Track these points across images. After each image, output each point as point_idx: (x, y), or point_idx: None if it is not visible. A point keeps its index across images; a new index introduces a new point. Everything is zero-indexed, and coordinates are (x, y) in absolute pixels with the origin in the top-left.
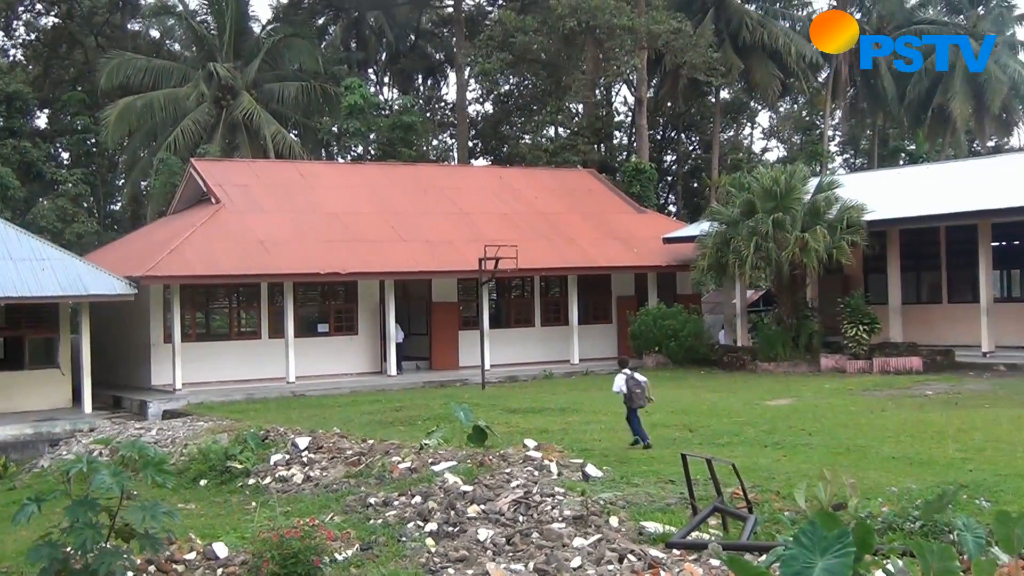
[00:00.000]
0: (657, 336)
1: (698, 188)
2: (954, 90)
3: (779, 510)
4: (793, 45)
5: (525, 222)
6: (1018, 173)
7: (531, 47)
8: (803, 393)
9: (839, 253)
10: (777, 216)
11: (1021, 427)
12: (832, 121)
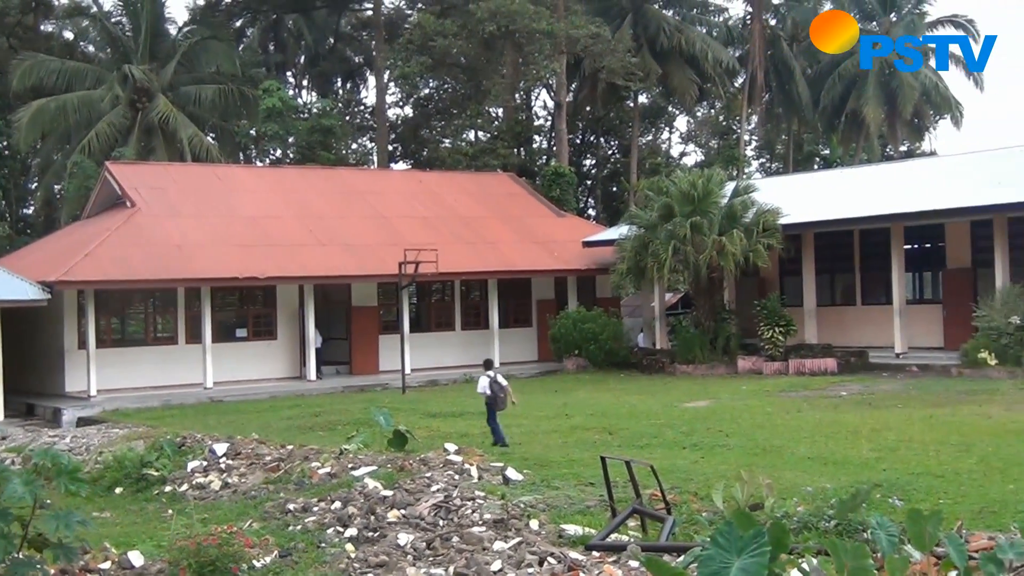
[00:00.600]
0: (577, 339)
1: (617, 192)
2: (867, 96)
3: (697, 511)
4: (710, 51)
5: (445, 226)
6: (929, 177)
7: (451, 51)
8: (721, 395)
9: (755, 256)
10: (695, 220)
11: (933, 427)
12: (748, 126)
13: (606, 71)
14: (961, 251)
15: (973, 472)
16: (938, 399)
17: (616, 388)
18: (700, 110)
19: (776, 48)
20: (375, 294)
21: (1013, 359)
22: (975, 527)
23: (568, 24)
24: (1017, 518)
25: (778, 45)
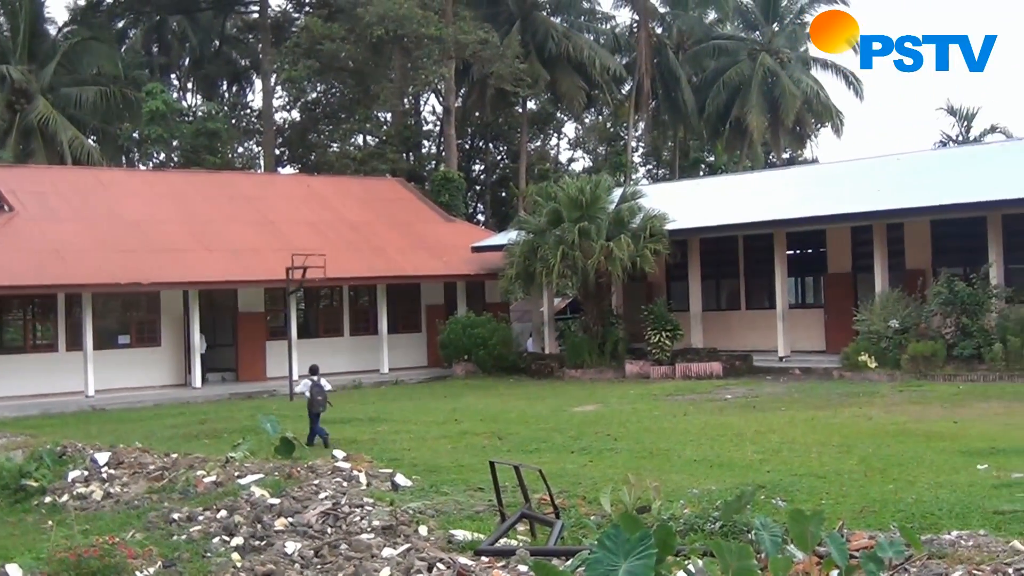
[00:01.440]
0: (466, 344)
1: (506, 197)
2: (751, 104)
3: (585, 515)
4: (597, 58)
5: (333, 231)
6: (811, 184)
7: (339, 55)
8: (609, 399)
9: (643, 261)
10: (583, 225)
11: (815, 428)
12: (635, 132)
13: (495, 77)
14: (842, 256)
15: (854, 472)
16: (820, 401)
17: (505, 393)
18: (588, 116)
19: (662, 56)
20: (262, 300)
21: (892, 362)
22: (856, 526)
23: (457, 29)
24: (896, 517)
25: (664, 53)
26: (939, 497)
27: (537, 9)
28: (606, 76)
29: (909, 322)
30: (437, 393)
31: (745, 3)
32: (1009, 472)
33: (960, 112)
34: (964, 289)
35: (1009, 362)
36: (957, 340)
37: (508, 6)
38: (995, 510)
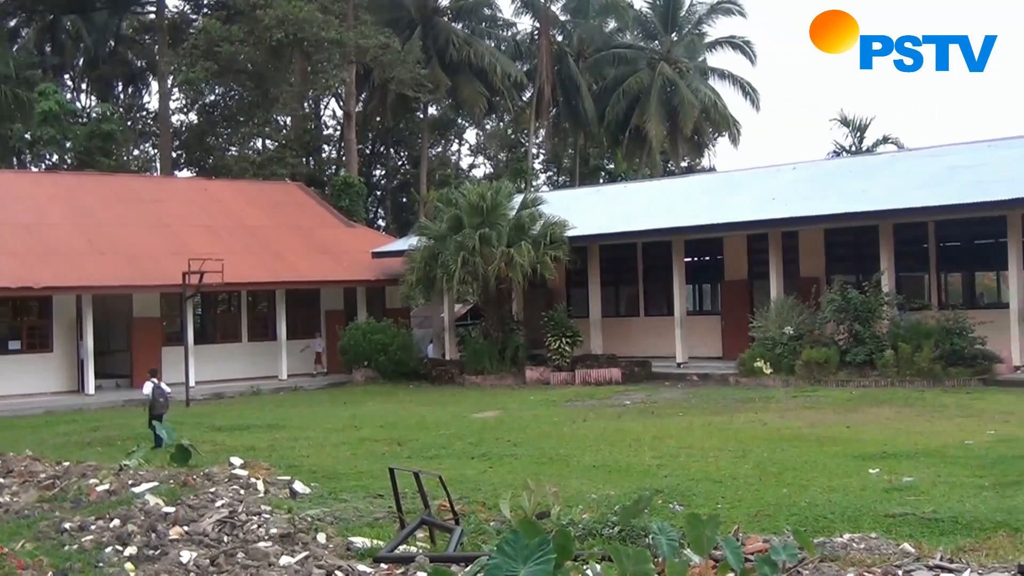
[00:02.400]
0: (367, 351)
1: (407, 203)
2: (650, 113)
3: (485, 521)
4: (498, 64)
5: (231, 235)
6: (709, 192)
7: (237, 57)
8: (509, 405)
9: (543, 268)
10: (484, 231)
11: (712, 434)
12: (536, 139)
13: (396, 82)
14: (738, 264)
15: (749, 477)
16: (717, 407)
17: (405, 399)
18: (489, 123)
19: (563, 64)
20: (158, 305)
21: (787, 368)
22: (751, 530)
23: (357, 34)
24: (790, 521)
25: (565, 61)
26: (832, 501)
27: (438, 15)
28: (507, 83)
29: (803, 329)
30: (337, 399)
31: (645, 13)
32: (900, 476)
33: (853, 123)
34: (857, 296)
35: (900, 368)
36: (850, 346)
37: (409, 11)
38: (886, 513)
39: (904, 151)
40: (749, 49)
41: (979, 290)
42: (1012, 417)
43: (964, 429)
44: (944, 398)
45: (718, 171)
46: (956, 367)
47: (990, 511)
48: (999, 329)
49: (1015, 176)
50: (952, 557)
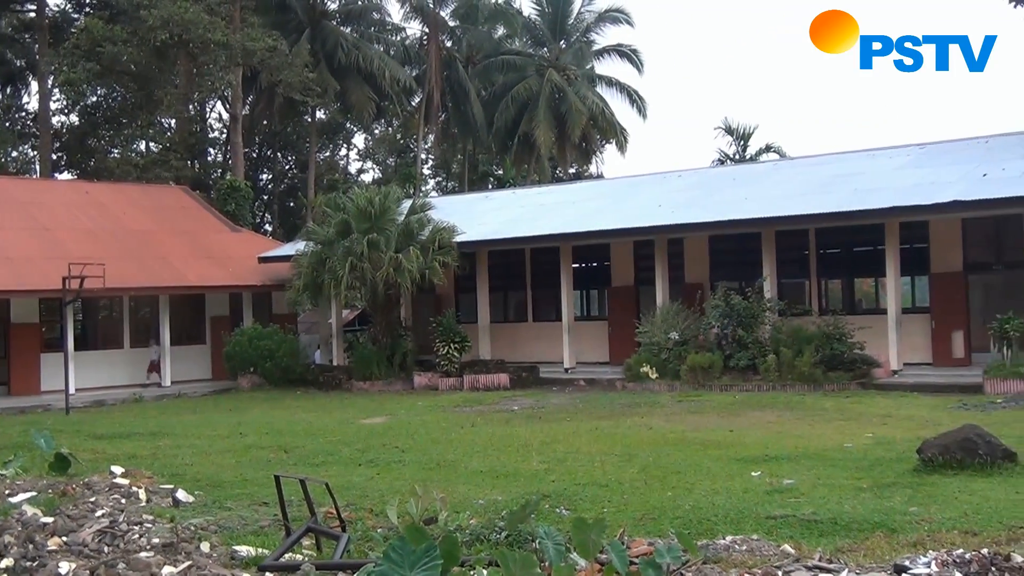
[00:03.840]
0: (252, 357)
1: (295, 208)
2: (538, 119)
3: (372, 527)
4: (387, 68)
5: (113, 240)
6: (595, 199)
7: (120, 58)
8: (397, 411)
9: (432, 273)
10: (372, 237)
11: (598, 438)
12: (425, 145)
13: (283, 85)
14: (625, 270)
15: (635, 481)
16: (604, 412)
17: (292, 406)
18: (378, 127)
19: (452, 69)
20: (36, 310)
21: (672, 373)
22: (636, 533)
23: (244, 36)
24: (675, 524)
25: (454, 66)
26: (715, 503)
27: (327, 18)
28: (396, 88)
29: (688, 334)
30: (222, 406)
31: (533, 20)
32: (781, 478)
33: (737, 131)
34: (740, 302)
35: (782, 372)
36: (733, 351)
37: (297, 14)
38: (768, 515)
39: (786, 160)
40: (636, 58)
41: (858, 296)
42: (890, 420)
43: (843, 432)
44: (824, 402)
45: (606, 178)
46: (836, 371)
47: (868, 512)
48: (877, 334)
49: (893, 185)
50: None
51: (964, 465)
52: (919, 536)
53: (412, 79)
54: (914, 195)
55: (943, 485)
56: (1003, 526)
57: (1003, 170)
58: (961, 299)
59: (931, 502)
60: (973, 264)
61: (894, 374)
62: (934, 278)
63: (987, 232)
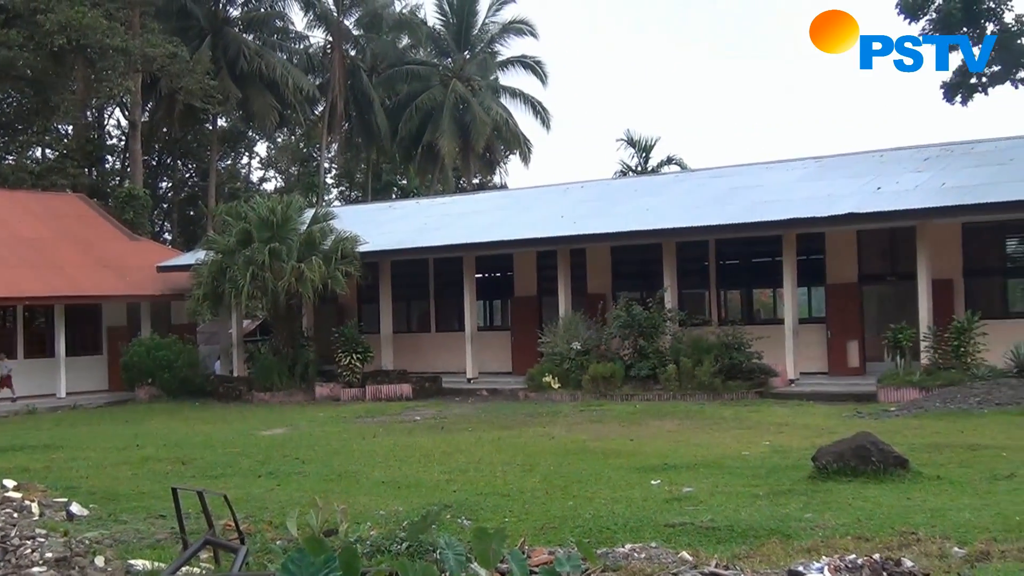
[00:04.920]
0: (150, 367)
1: (195, 216)
2: (442, 129)
3: (271, 539)
4: (290, 77)
5: (7, 248)
6: (499, 209)
7: (16, 63)
8: (298, 422)
9: (334, 283)
10: (274, 246)
11: (501, 448)
12: (328, 154)
13: (184, 92)
14: (528, 280)
15: (536, 490)
16: (506, 421)
17: (191, 417)
18: (280, 136)
19: (356, 78)
20: None
21: (574, 382)
22: (537, 543)
23: (144, 42)
24: (575, 533)
25: (358, 75)
26: (615, 512)
27: (229, 25)
28: (299, 96)
29: (590, 344)
30: (118, 418)
31: (438, 30)
32: (680, 486)
33: (639, 143)
34: (641, 313)
35: (682, 382)
36: (634, 361)
37: (199, 21)
38: (666, 523)
39: (687, 172)
40: (540, 69)
41: (756, 306)
42: (786, 428)
43: (741, 440)
44: (723, 411)
45: (509, 188)
46: (735, 380)
47: (764, 519)
48: (775, 344)
49: (791, 197)
50: (727, 564)
51: (858, 472)
52: (813, 542)
53: (315, 88)
54: (811, 207)
55: (837, 492)
56: (895, 531)
57: (897, 183)
58: (856, 309)
59: (825, 508)
60: (867, 275)
61: (791, 383)
62: (830, 289)
63: (881, 244)
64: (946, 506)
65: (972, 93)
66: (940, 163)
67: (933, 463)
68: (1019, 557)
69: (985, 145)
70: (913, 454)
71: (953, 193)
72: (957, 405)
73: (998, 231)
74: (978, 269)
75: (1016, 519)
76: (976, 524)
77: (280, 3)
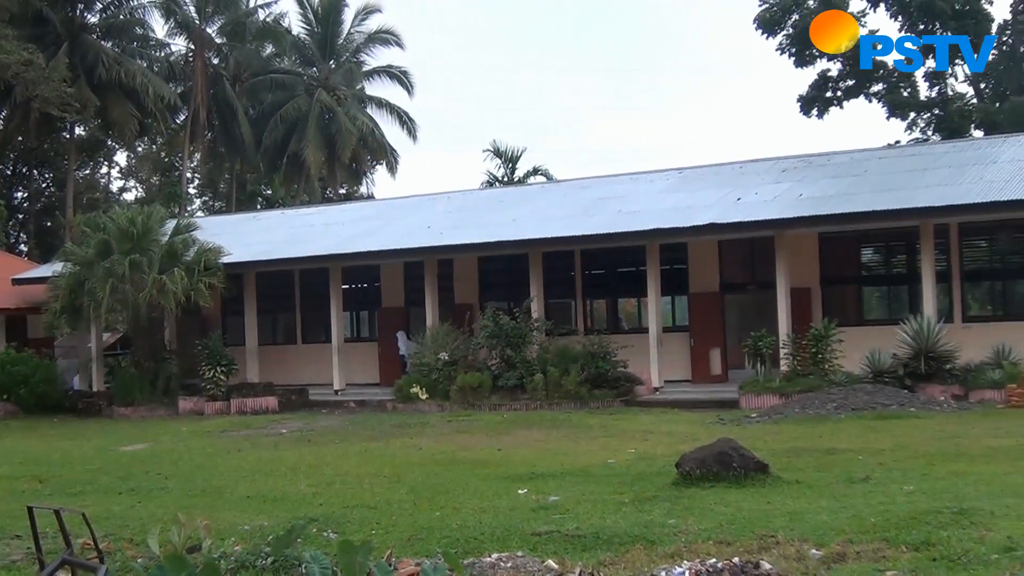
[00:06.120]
0: (6, 383)
1: (52, 228)
2: (308, 139)
3: (133, 557)
4: (151, 85)
5: None
6: (366, 219)
7: None
8: (161, 437)
9: (197, 295)
10: (134, 258)
11: (368, 460)
12: (191, 163)
13: (39, 100)
14: (395, 291)
15: (404, 502)
16: (373, 433)
17: (49, 433)
18: (141, 145)
19: (219, 87)
20: None
21: (442, 393)
22: (404, 554)
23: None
24: (442, 543)
25: (221, 84)
26: (482, 522)
27: (86, 32)
28: (160, 104)
29: (458, 354)
30: None
31: (303, 39)
32: (547, 495)
33: (505, 154)
34: (509, 323)
35: (549, 391)
36: (502, 371)
37: (55, 27)
38: (533, 532)
39: (553, 182)
40: (407, 79)
41: (622, 316)
42: (651, 436)
43: (607, 448)
44: (589, 419)
45: (376, 199)
46: (601, 389)
47: (629, 526)
48: (640, 353)
49: (654, 208)
50: (592, 571)
51: (720, 478)
52: (677, 547)
53: (177, 96)
54: (674, 218)
55: (700, 497)
56: (755, 535)
57: (756, 194)
58: (718, 318)
59: (688, 514)
60: (729, 284)
61: (656, 391)
62: (693, 298)
63: (742, 254)
64: (804, 509)
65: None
66: (798, 174)
67: (792, 468)
68: (873, 558)
69: (841, 157)
70: (773, 459)
71: (810, 204)
72: (815, 411)
73: (854, 241)
74: (835, 278)
75: (871, 520)
76: (833, 526)
77: (140, 10)
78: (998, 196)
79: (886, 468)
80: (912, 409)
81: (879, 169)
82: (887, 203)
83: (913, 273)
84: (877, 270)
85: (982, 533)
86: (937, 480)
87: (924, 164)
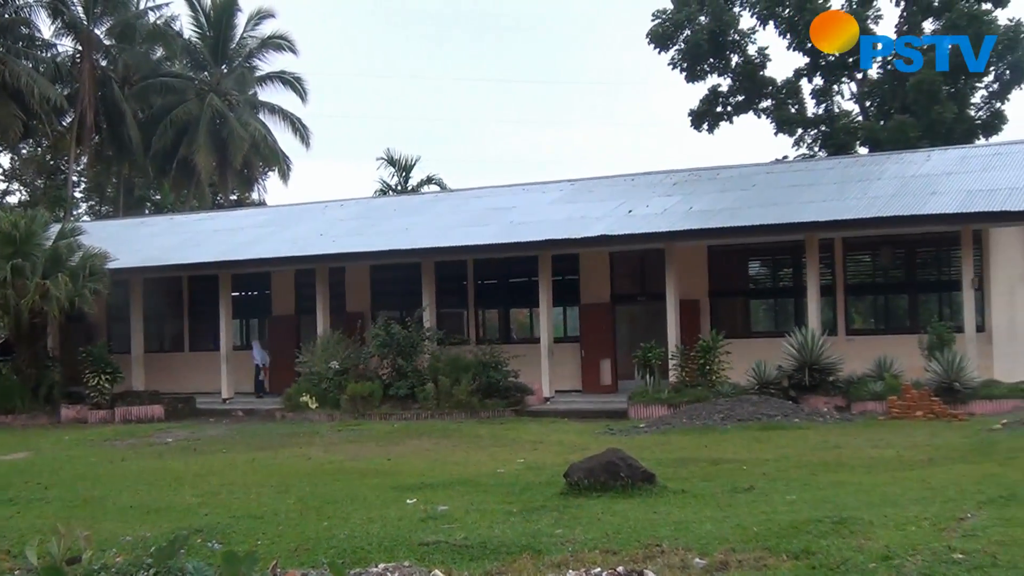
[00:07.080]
0: None
1: None
2: (198, 144)
3: (9, 570)
4: (36, 86)
5: None
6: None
7: None
8: (41, 446)
9: (82, 301)
10: (16, 262)
11: (255, 470)
12: (77, 167)
13: None
14: (286, 299)
15: (291, 512)
16: (262, 443)
17: None
18: (25, 147)
19: (107, 89)
20: None
21: (332, 402)
22: (290, 565)
23: None
24: (329, 554)
25: (109, 86)
26: (370, 532)
27: None
28: (46, 106)
29: (349, 363)
30: None
31: (194, 43)
32: (435, 505)
33: (399, 162)
34: (400, 332)
35: (440, 400)
36: (393, 380)
37: None
38: (421, 542)
39: (446, 192)
40: (300, 86)
41: (514, 326)
42: (541, 446)
43: (497, 458)
44: (480, 429)
45: (268, 205)
46: (492, 399)
47: (516, 535)
48: (531, 362)
49: (547, 219)
50: None
51: (608, 487)
52: (563, 557)
53: (64, 98)
54: (566, 229)
55: (588, 507)
56: (641, 544)
57: (647, 207)
58: (609, 329)
59: (576, 524)
60: (620, 295)
61: (546, 401)
62: (584, 309)
63: (633, 265)
64: (689, 519)
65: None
66: (688, 188)
67: (678, 477)
68: (755, 566)
69: (730, 171)
70: (660, 469)
71: (699, 217)
72: (702, 421)
73: (742, 254)
74: (723, 290)
75: (754, 530)
76: (717, 535)
77: (26, 9)
78: (880, 212)
79: (770, 478)
80: (796, 420)
81: (767, 184)
82: (773, 217)
83: (799, 286)
84: (764, 283)
85: (861, 542)
86: (818, 490)
87: (810, 180)
